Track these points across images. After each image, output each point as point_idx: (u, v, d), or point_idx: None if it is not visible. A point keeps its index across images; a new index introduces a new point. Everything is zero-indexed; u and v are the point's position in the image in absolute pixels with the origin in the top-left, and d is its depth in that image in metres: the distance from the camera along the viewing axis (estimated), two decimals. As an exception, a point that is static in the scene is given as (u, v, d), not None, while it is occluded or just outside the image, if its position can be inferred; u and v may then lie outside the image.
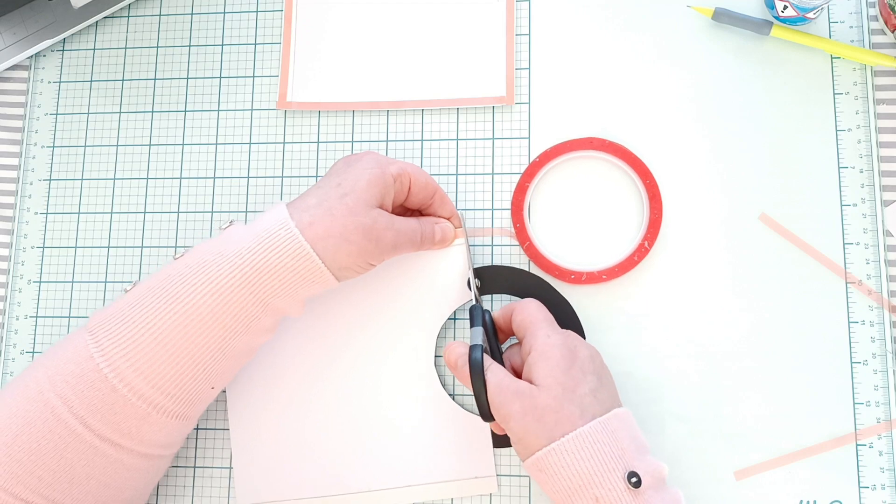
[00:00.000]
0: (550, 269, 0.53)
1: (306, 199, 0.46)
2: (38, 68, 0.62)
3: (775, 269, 0.53)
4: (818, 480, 0.50)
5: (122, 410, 0.44)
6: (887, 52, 0.55)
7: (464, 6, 0.59)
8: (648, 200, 0.53)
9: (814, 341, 0.52)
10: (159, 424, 0.45)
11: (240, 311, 0.45)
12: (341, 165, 0.49)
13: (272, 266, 0.44)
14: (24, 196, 0.60)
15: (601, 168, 0.55)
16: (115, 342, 0.43)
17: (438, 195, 0.52)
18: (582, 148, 0.55)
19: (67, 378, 0.43)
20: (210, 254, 0.45)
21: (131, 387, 0.43)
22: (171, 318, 0.44)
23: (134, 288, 0.46)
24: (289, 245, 0.44)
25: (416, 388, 0.53)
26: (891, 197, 0.53)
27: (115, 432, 0.44)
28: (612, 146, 0.54)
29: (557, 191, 0.55)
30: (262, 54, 0.60)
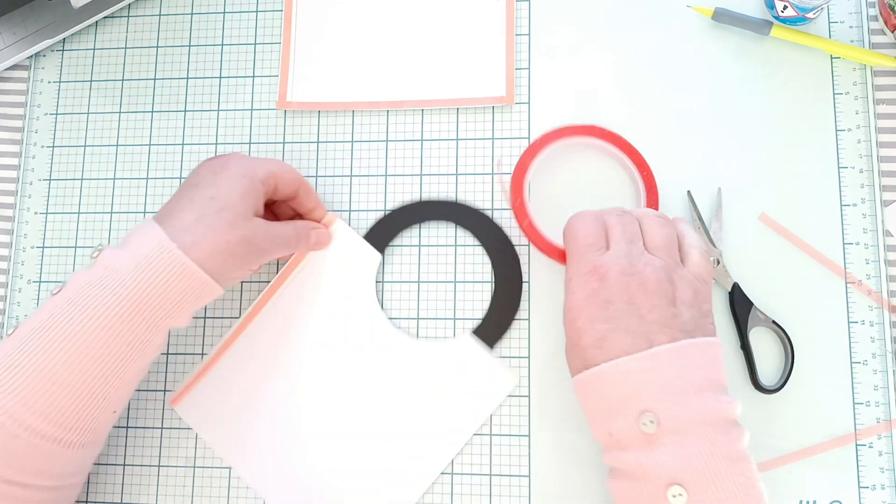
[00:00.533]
0: (549, 249, 0.53)
1: (182, 217, 0.46)
2: (38, 68, 0.62)
3: (775, 269, 0.53)
4: (818, 480, 0.50)
5: (25, 453, 0.43)
6: (887, 52, 0.55)
7: (464, 6, 0.59)
8: (645, 192, 0.53)
9: (814, 341, 0.52)
10: (66, 457, 0.45)
11: (132, 338, 0.45)
12: (208, 174, 0.48)
13: (160, 290, 0.45)
14: (24, 196, 0.60)
15: (600, 156, 0.55)
16: (9, 390, 0.43)
17: (303, 189, 0.53)
18: (583, 134, 0.55)
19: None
20: (92, 286, 0.44)
21: (32, 429, 0.43)
22: (62, 356, 0.43)
23: (17, 330, 0.45)
24: (175, 268, 0.45)
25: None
26: (891, 197, 0.53)
27: (20, 474, 0.43)
28: (612, 136, 0.54)
29: (557, 173, 0.55)
30: (262, 54, 0.60)
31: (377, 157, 0.58)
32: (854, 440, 0.50)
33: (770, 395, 0.51)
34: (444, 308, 0.55)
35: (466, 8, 0.59)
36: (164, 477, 0.55)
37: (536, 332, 0.54)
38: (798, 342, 0.52)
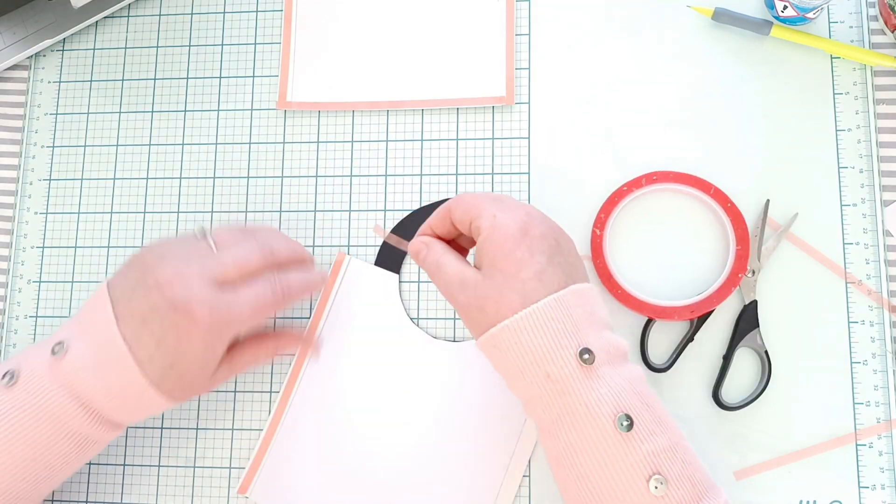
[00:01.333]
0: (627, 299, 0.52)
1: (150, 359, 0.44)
2: (38, 68, 0.62)
3: (776, 269, 0.53)
4: (818, 480, 0.50)
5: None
6: (887, 52, 0.55)
7: (464, 6, 0.59)
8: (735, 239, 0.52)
9: (814, 341, 0.52)
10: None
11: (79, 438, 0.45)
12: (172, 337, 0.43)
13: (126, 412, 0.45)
14: (24, 196, 0.60)
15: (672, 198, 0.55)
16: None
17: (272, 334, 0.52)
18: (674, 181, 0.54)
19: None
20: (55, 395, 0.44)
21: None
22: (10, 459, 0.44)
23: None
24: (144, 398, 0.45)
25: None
26: (891, 197, 0.53)
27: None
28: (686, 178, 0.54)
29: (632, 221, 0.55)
30: (262, 54, 0.60)
31: (377, 157, 0.58)
32: (854, 440, 0.50)
33: (770, 396, 0.51)
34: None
35: (466, 8, 0.59)
36: (164, 477, 0.55)
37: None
38: (798, 342, 0.52)
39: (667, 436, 0.40)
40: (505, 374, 0.43)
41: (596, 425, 0.39)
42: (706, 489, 0.40)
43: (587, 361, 0.40)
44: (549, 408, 0.41)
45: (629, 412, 0.39)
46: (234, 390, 0.55)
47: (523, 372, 0.41)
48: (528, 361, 0.41)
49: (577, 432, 0.40)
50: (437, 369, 0.53)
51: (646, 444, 0.39)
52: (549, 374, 0.40)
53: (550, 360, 0.40)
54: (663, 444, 0.39)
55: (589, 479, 0.40)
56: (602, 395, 0.40)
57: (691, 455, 0.41)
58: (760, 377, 0.52)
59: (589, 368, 0.40)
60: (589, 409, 0.40)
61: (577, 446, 0.40)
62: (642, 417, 0.40)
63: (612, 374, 0.40)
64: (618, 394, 0.40)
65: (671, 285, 0.53)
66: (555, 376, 0.40)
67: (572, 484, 0.41)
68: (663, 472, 0.39)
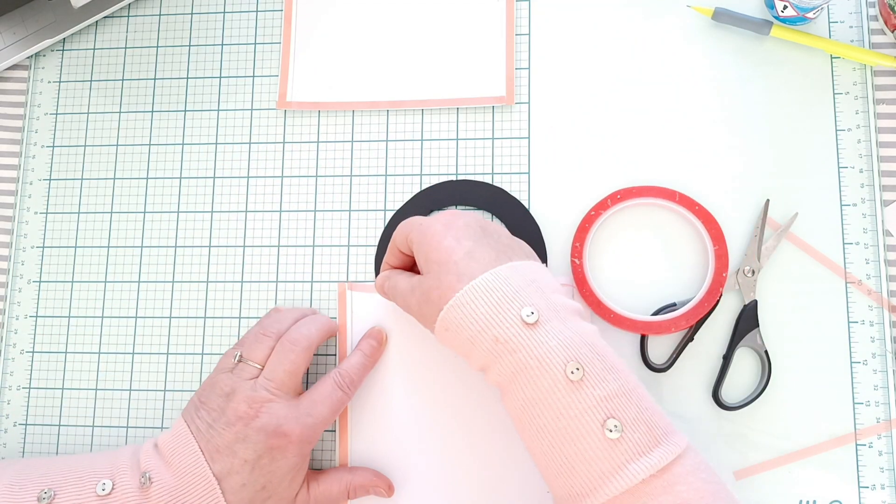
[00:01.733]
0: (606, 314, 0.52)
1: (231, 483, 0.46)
2: (38, 68, 0.62)
3: (776, 269, 0.53)
4: (818, 480, 0.50)
5: None
6: (887, 52, 0.55)
7: (464, 6, 0.59)
8: (715, 259, 0.52)
9: (814, 341, 0.52)
10: None
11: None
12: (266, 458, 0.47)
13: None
14: (24, 196, 0.60)
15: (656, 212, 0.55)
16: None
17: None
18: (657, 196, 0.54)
19: None
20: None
21: None
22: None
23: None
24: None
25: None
26: (891, 197, 0.53)
27: None
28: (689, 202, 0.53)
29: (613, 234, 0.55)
30: (262, 54, 0.60)
31: (377, 157, 0.58)
32: (854, 440, 0.50)
33: (770, 396, 0.51)
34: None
35: (466, 8, 0.59)
36: (164, 477, 0.55)
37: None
38: (798, 342, 0.52)
39: (619, 382, 0.41)
40: (461, 352, 0.45)
41: (548, 377, 0.41)
42: (665, 433, 0.41)
43: (530, 318, 0.42)
44: (503, 369, 0.43)
45: (579, 361, 0.41)
46: (234, 390, 0.55)
47: (473, 342, 0.43)
48: (476, 330, 0.43)
49: (531, 387, 0.42)
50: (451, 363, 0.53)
51: (597, 389, 0.40)
52: (496, 337, 0.42)
53: (496, 324, 0.42)
54: (616, 389, 0.41)
55: (548, 431, 0.41)
56: (551, 347, 0.41)
57: (648, 401, 0.42)
58: (760, 377, 0.52)
59: (534, 325, 0.42)
60: (540, 361, 0.41)
61: (533, 400, 0.42)
62: (593, 366, 0.41)
63: (561, 328, 0.42)
64: (567, 345, 0.41)
65: (661, 298, 0.53)
66: (502, 338, 0.42)
67: (535, 440, 0.42)
68: (618, 416, 0.40)
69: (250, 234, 0.57)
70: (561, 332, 0.42)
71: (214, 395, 0.48)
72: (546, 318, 0.42)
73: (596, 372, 0.41)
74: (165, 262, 0.58)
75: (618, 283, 0.54)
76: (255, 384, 0.48)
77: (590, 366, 0.41)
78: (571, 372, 0.41)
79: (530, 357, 0.41)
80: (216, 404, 0.48)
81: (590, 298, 0.52)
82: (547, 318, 0.42)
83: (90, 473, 0.46)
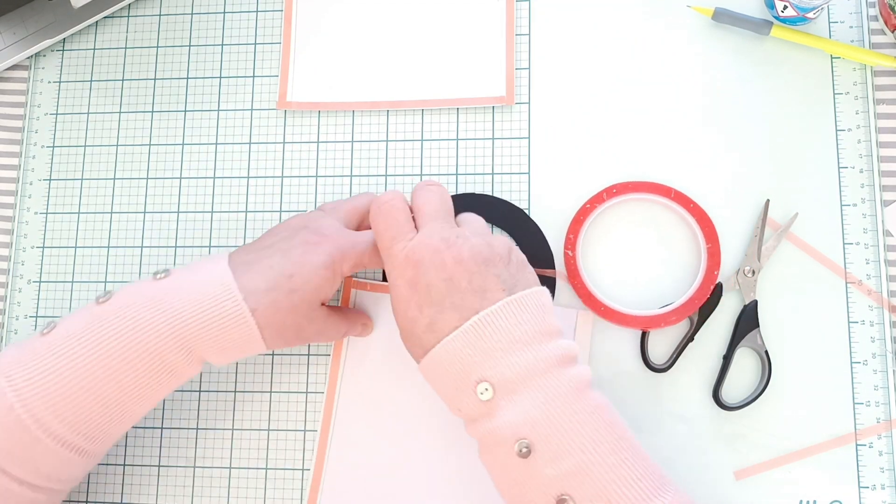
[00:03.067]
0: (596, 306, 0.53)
1: (255, 279, 0.45)
2: (38, 68, 0.62)
3: (776, 269, 0.53)
4: (818, 480, 0.50)
5: (42, 458, 0.43)
6: (887, 52, 0.55)
7: (464, 6, 0.59)
8: (707, 258, 0.52)
9: (814, 341, 0.52)
10: (78, 464, 0.45)
11: (173, 365, 0.45)
12: (299, 249, 0.46)
13: (213, 333, 0.44)
14: (24, 196, 0.60)
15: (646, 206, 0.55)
16: (39, 393, 0.42)
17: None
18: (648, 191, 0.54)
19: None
20: (147, 310, 0.44)
21: (56, 437, 0.43)
22: (101, 369, 0.43)
23: (54, 331, 0.44)
24: (235, 319, 0.44)
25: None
26: (891, 197, 0.53)
27: (34, 477, 0.44)
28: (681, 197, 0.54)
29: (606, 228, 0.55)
30: (262, 54, 0.60)
31: (377, 157, 0.58)
32: (854, 440, 0.50)
33: (770, 395, 0.51)
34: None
35: (466, 8, 0.59)
36: (164, 477, 0.55)
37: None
38: (798, 342, 0.52)
39: (579, 458, 0.40)
40: (440, 397, 0.45)
41: (501, 450, 0.41)
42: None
43: (485, 396, 0.41)
44: (472, 433, 0.43)
45: (531, 439, 0.40)
46: (234, 390, 0.55)
47: (448, 405, 0.44)
48: (446, 398, 0.44)
49: (489, 455, 0.43)
50: None
51: (549, 468, 0.40)
52: (459, 409, 0.43)
53: (455, 397, 0.43)
54: (571, 468, 0.40)
55: (508, 496, 0.43)
56: (503, 422, 0.41)
57: (621, 472, 0.40)
58: (760, 377, 0.52)
59: (489, 402, 0.41)
60: (493, 435, 0.41)
61: (492, 467, 0.43)
62: (546, 444, 0.40)
63: (514, 403, 0.41)
64: (518, 422, 0.41)
65: (652, 293, 0.53)
66: (464, 411, 0.43)
67: (502, 496, 0.43)
68: (572, 494, 0.39)
69: (251, 235, 0.57)
70: (513, 408, 0.41)
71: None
72: (502, 392, 0.41)
73: (549, 450, 0.40)
74: (166, 262, 0.58)
75: (611, 277, 0.54)
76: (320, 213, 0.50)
77: (542, 444, 0.40)
78: (520, 450, 0.40)
79: (486, 430, 0.42)
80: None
81: (581, 290, 0.53)
82: (503, 393, 0.41)
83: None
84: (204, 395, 0.56)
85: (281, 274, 0.46)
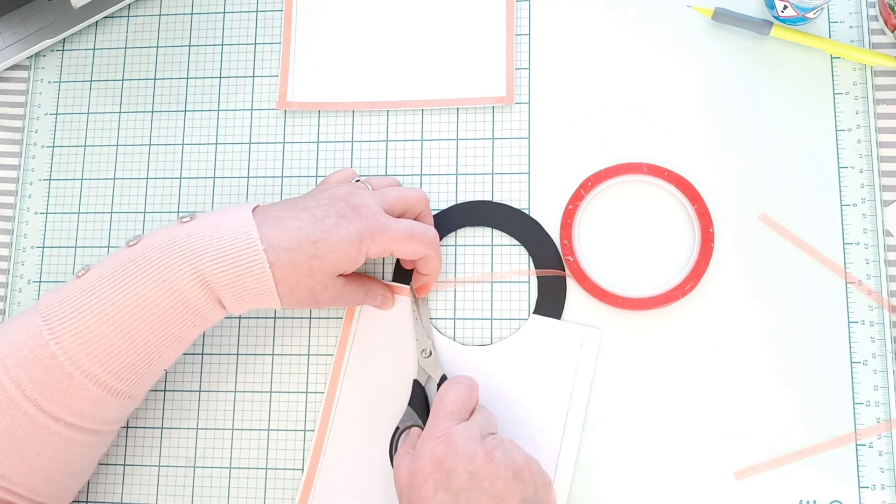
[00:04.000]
0: (593, 289, 0.53)
1: (280, 236, 0.46)
2: (38, 68, 0.62)
3: (775, 269, 0.53)
4: (818, 480, 0.50)
5: (76, 394, 0.44)
6: (887, 52, 0.55)
7: (464, 6, 0.59)
8: (700, 228, 0.53)
9: (814, 341, 0.52)
10: (112, 405, 0.46)
11: (197, 307, 0.45)
12: (331, 220, 0.47)
13: (232, 278, 0.45)
14: (24, 196, 0.60)
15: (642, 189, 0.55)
16: (70, 330, 0.44)
17: (424, 260, 0.51)
18: (632, 172, 0.54)
19: (21, 363, 0.44)
20: (171, 251, 0.45)
21: (87, 373, 0.44)
22: (130, 308, 0.44)
23: (87, 273, 0.46)
24: (255, 268, 0.45)
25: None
26: (891, 197, 0.53)
27: (68, 413, 0.45)
28: (660, 170, 0.54)
29: (603, 211, 0.55)
30: (262, 54, 0.60)
31: (377, 157, 0.58)
32: (854, 440, 0.50)
33: (769, 396, 0.51)
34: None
35: (466, 8, 0.59)
36: (164, 477, 0.55)
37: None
38: (798, 342, 0.52)
39: None
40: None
41: None
42: None
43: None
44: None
45: None
46: (235, 390, 0.55)
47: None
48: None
49: None
50: (477, 373, 0.53)
51: None
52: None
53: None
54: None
55: None
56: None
57: None
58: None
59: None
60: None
61: None
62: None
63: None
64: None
65: (650, 275, 0.54)
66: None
67: None
68: None
69: (250, 234, 0.57)
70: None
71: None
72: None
73: None
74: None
75: (616, 267, 0.54)
76: (365, 191, 0.49)
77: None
78: None
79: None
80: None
81: (593, 290, 0.53)
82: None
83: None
84: (204, 395, 0.56)
85: (307, 238, 0.46)
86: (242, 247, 0.45)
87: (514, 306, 0.54)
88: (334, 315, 0.55)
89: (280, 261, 0.45)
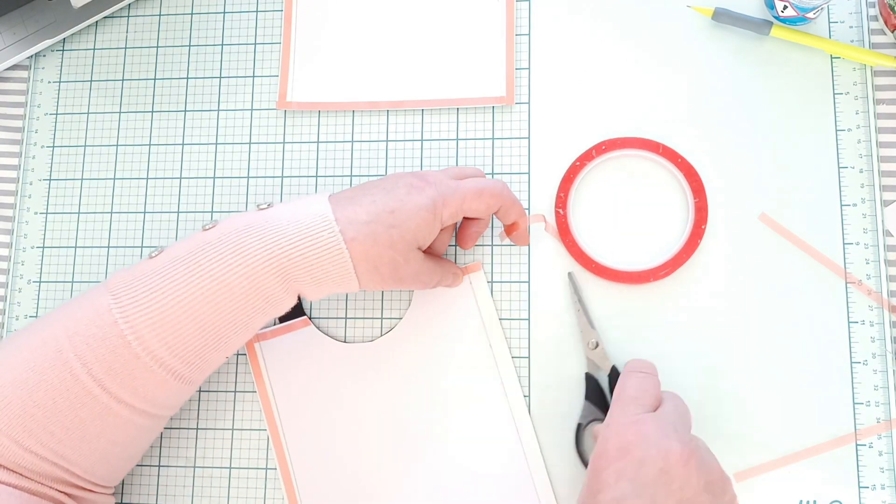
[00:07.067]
0: (588, 263, 0.54)
1: (356, 210, 0.46)
2: (38, 68, 0.62)
3: (775, 269, 0.53)
4: (818, 480, 0.50)
5: (141, 376, 0.44)
6: (887, 52, 0.55)
7: (464, 6, 0.59)
8: (695, 210, 0.53)
9: (814, 341, 0.52)
10: (174, 389, 0.46)
11: (270, 294, 0.45)
12: (403, 189, 0.47)
13: (310, 262, 0.45)
14: (24, 196, 0.60)
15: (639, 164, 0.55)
16: (141, 311, 0.44)
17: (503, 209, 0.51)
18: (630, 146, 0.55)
19: (88, 340, 0.43)
20: (247, 233, 0.45)
21: (154, 356, 0.44)
22: (202, 292, 0.44)
23: (160, 255, 0.46)
24: (332, 250, 0.45)
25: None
26: (891, 197, 0.53)
27: (131, 395, 0.45)
28: (656, 145, 0.55)
29: (598, 185, 0.55)
30: (262, 54, 0.60)
31: (377, 157, 0.58)
32: (854, 440, 0.50)
33: (770, 395, 0.51)
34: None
35: (466, 8, 0.59)
36: (164, 477, 0.55)
37: (536, 331, 0.54)
38: (798, 342, 0.52)
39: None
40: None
41: None
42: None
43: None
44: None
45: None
46: (234, 390, 0.55)
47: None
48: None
49: None
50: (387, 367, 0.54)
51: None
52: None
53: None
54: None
55: None
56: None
57: None
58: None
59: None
60: None
61: None
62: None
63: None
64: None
65: (642, 249, 0.54)
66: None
67: None
68: None
69: (250, 234, 0.57)
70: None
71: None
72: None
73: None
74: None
75: (601, 234, 0.54)
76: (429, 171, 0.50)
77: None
78: None
79: None
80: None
81: (572, 248, 0.54)
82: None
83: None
84: (204, 395, 0.56)
85: (383, 209, 0.46)
86: (319, 229, 0.45)
87: (514, 306, 0.54)
88: (339, 316, 0.55)
89: (360, 234, 0.45)
